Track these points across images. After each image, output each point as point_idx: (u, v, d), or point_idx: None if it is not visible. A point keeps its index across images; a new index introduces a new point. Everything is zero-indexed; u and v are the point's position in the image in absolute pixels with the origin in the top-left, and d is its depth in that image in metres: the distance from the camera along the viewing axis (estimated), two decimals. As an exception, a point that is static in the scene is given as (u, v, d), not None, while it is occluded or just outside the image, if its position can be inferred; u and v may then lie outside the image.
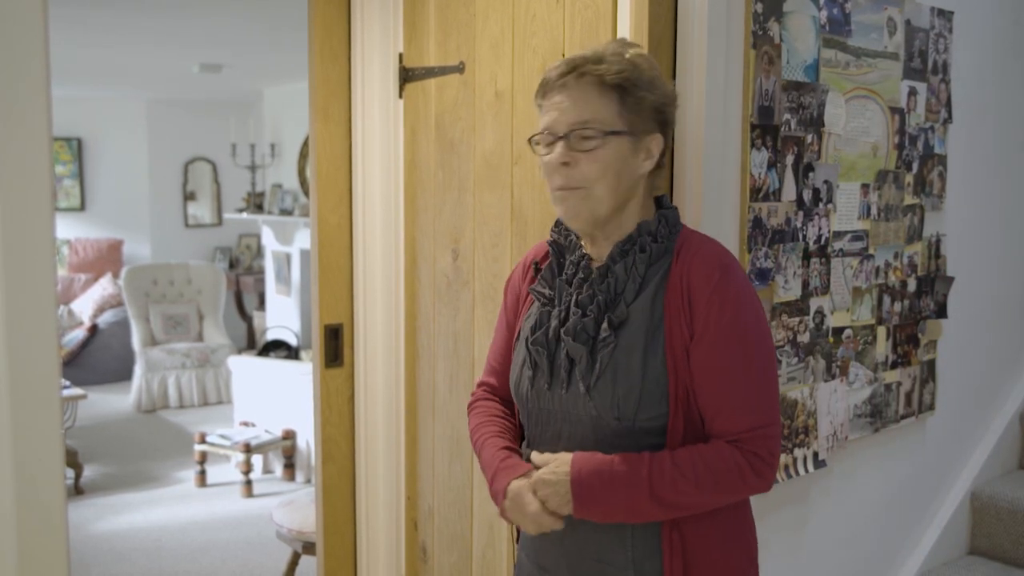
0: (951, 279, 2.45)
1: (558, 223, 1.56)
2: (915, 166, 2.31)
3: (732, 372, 1.35)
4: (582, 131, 1.40)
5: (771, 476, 1.37)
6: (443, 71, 2.29)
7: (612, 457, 1.37)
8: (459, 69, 2.24)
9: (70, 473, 5.12)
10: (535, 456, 1.45)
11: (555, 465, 1.40)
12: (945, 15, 2.35)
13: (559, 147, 1.42)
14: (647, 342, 1.38)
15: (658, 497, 1.34)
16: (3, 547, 1.20)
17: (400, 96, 2.46)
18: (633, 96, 1.41)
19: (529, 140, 1.51)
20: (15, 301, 1.19)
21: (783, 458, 2.01)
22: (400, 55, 2.45)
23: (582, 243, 1.52)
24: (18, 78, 1.18)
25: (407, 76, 2.43)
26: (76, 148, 8.44)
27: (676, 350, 1.37)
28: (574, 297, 1.47)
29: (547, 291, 1.53)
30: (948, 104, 2.40)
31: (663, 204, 1.50)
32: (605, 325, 1.41)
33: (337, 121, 2.53)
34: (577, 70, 1.42)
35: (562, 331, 1.46)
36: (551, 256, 1.56)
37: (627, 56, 1.44)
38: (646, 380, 1.38)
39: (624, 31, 1.81)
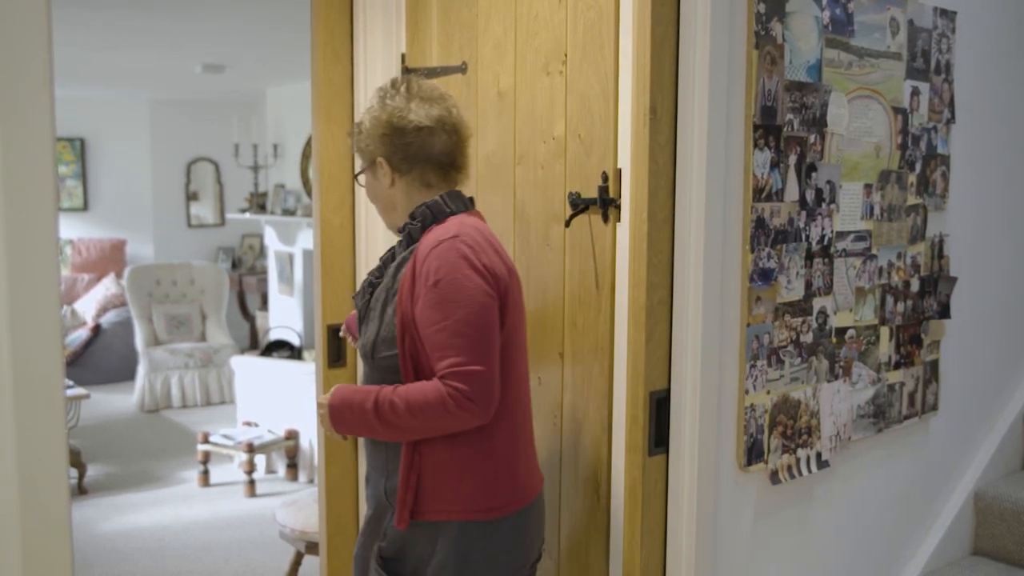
0: (954, 279, 2.45)
1: None
2: (918, 166, 2.31)
3: (434, 324, 1.69)
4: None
5: (474, 409, 1.66)
6: (446, 71, 2.30)
7: (358, 388, 1.77)
8: (462, 69, 2.24)
9: (73, 473, 5.13)
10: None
11: (328, 393, 1.81)
12: (948, 15, 2.35)
13: None
14: (387, 299, 1.80)
15: (384, 420, 1.70)
16: (6, 547, 1.20)
17: (403, 96, 2.46)
18: (355, 142, 1.89)
19: None
20: (18, 301, 1.19)
21: (786, 458, 2.01)
22: (403, 56, 2.45)
23: None
24: (21, 78, 1.18)
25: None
26: (79, 148, 8.45)
27: (404, 306, 1.74)
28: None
29: None
30: (951, 104, 2.39)
31: (453, 198, 1.84)
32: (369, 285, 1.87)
33: (340, 122, 2.53)
34: None
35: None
36: None
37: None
38: (382, 327, 1.78)
39: (627, 32, 1.81)
